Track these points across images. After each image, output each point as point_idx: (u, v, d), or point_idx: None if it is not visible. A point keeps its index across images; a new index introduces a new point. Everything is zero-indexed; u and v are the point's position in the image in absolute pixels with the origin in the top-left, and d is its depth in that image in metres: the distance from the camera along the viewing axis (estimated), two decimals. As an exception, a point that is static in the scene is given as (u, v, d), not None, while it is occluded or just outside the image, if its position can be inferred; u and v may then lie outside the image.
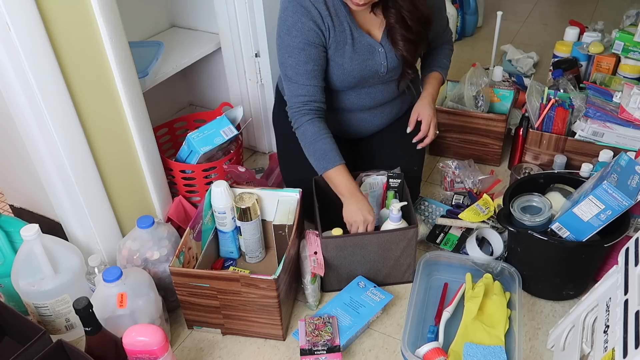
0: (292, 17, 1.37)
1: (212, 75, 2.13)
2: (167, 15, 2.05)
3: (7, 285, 1.39)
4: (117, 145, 1.42)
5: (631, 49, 1.94)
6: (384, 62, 1.47)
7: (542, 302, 1.47)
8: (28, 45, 1.13)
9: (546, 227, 1.37)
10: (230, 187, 1.52)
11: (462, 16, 2.85)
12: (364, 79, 1.49)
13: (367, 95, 1.54)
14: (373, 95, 1.55)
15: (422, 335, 1.37)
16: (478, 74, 1.93)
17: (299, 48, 1.39)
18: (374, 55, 1.46)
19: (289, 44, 1.39)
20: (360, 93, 1.54)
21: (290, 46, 1.39)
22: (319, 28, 1.38)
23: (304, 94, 1.43)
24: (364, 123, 1.62)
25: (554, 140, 1.78)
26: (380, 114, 1.61)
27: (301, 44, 1.38)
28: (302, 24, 1.36)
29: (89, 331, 1.13)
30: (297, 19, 1.36)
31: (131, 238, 1.39)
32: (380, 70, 1.48)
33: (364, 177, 1.56)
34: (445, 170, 1.87)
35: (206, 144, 1.59)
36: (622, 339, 0.95)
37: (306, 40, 1.38)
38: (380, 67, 1.47)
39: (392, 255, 1.46)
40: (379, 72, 1.48)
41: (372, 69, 1.47)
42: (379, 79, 1.51)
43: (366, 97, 1.55)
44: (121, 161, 1.45)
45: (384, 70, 1.48)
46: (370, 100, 1.55)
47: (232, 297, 1.33)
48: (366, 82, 1.51)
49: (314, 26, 1.37)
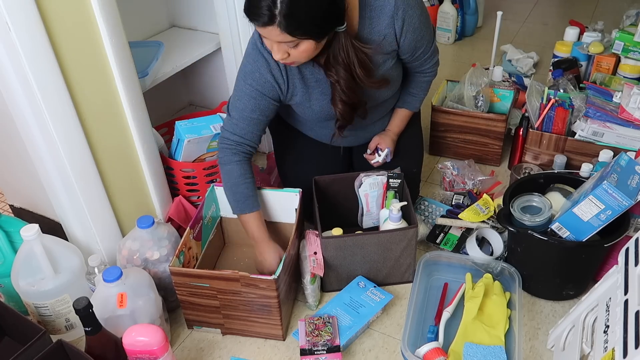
0: (251, 65, 1.36)
1: (212, 75, 2.13)
2: (167, 15, 2.05)
3: (7, 285, 1.39)
4: (117, 145, 1.42)
5: (631, 49, 1.94)
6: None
7: (542, 302, 1.47)
8: (28, 45, 1.13)
9: (546, 227, 1.37)
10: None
11: (462, 16, 2.85)
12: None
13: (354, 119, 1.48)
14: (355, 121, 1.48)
15: (422, 335, 1.37)
16: (478, 74, 1.93)
17: (250, 96, 1.38)
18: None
19: (242, 89, 1.38)
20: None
21: (242, 91, 1.38)
22: (275, 81, 1.36)
23: (241, 135, 1.42)
24: (357, 138, 1.62)
25: (554, 140, 1.78)
26: (373, 127, 1.61)
27: (253, 92, 1.37)
28: (259, 75, 1.35)
29: (89, 331, 1.13)
30: (256, 69, 1.35)
31: (131, 238, 1.39)
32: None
33: (364, 178, 1.56)
34: (444, 171, 1.87)
35: (192, 132, 1.56)
36: (622, 339, 0.95)
37: (259, 91, 1.37)
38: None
39: (392, 255, 1.46)
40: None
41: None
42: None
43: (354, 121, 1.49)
44: (121, 161, 1.45)
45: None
46: (358, 121, 1.49)
47: (232, 297, 1.33)
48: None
49: (270, 78, 1.36)
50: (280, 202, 1.53)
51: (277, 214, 1.57)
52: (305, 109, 1.45)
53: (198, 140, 1.58)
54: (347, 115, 1.40)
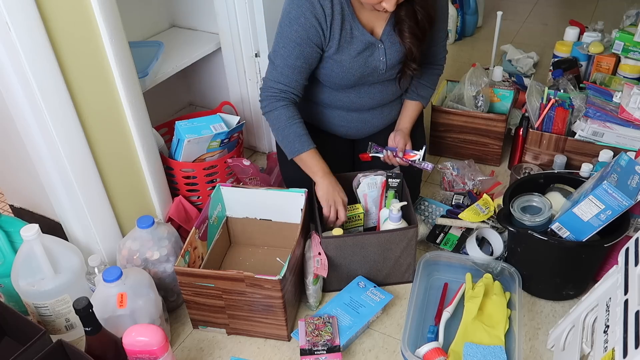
0: (296, 10, 1.37)
1: (212, 75, 2.13)
2: (167, 15, 2.05)
3: (7, 285, 1.39)
4: (117, 145, 1.42)
5: (631, 49, 1.94)
6: (382, 59, 1.47)
7: (542, 302, 1.47)
8: (28, 45, 1.13)
9: (546, 227, 1.37)
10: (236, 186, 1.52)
11: (462, 16, 2.85)
12: (363, 76, 1.49)
13: (367, 94, 1.55)
14: (372, 95, 1.55)
15: (422, 335, 1.37)
16: (478, 74, 1.93)
17: (296, 42, 1.39)
18: (373, 52, 1.46)
19: (288, 36, 1.39)
20: (360, 92, 1.54)
21: (287, 38, 1.39)
22: (320, 27, 1.38)
23: (285, 83, 1.44)
24: (363, 124, 1.62)
25: (554, 140, 1.78)
26: (380, 114, 1.62)
27: (299, 39, 1.38)
28: (305, 19, 1.36)
29: (89, 331, 1.13)
30: (301, 14, 1.36)
31: (131, 238, 1.39)
32: (379, 67, 1.48)
33: (362, 178, 1.56)
34: (444, 171, 1.87)
35: (192, 132, 1.57)
36: (622, 339, 0.95)
37: (304, 37, 1.38)
38: (379, 63, 1.47)
39: (392, 255, 1.46)
40: (379, 69, 1.49)
41: (371, 65, 1.47)
42: (379, 77, 1.51)
43: (365, 96, 1.55)
44: (121, 161, 1.45)
45: (383, 67, 1.48)
46: (369, 99, 1.56)
47: (237, 297, 1.32)
48: (366, 81, 1.51)
49: (316, 23, 1.37)
50: (286, 202, 1.52)
51: (282, 215, 1.56)
52: (335, 64, 1.46)
53: (198, 140, 1.58)
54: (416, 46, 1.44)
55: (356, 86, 1.52)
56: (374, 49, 1.46)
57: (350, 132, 1.64)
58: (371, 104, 1.58)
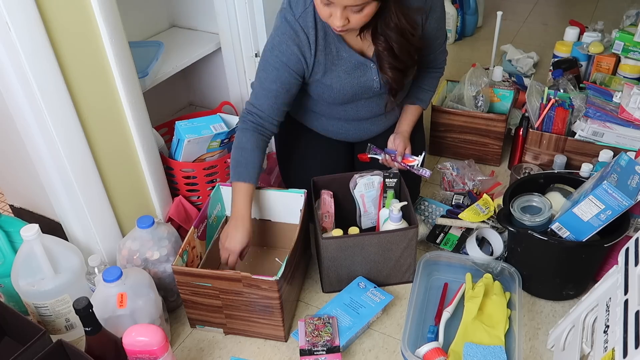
0: (280, 37, 1.37)
1: (212, 75, 2.13)
2: (167, 15, 2.05)
3: (7, 285, 1.39)
4: (117, 145, 1.42)
5: (631, 49, 1.94)
6: (376, 78, 1.46)
7: (542, 302, 1.47)
8: (28, 45, 1.13)
9: (546, 227, 1.37)
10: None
11: (462, 16, 2.85)
12: (357, 95, 1.48)
13: (364, 107, 1.54)
14: (370, 108, 1.54)
15: (422, 335, 1.37)
16: (478, 74, 1.93)
17: (274, 67, 1.39)
18: (365, 72, 1.45)
19: (267, 60, 1.40)
20: (357, 106, 1.53)
21: (267, 62, 1.40)
22: (303, 55, 1.38)
23: (257, 105, 1.44)
24: (362, 131, 1.62)
25: (554, 140, 1.78)
26: (379, 122, 1.62)
27: (277, 63, 1.39)
28: (286, 47, 1.37)
29: (89, 331, 1.13)
30: (283, 41, 1.37)
31: (131, 238, 1.39)
32: (373, 85, 1.47)
33: (358, 178, 1.56)
34: (444, 171, 1.87)
35: (192, 132, 1.56)
36: (622, 339, 0.95)
37: (284, 62, 1.38)
38: (373, 82, 1.46)
39: (392, 256, 1.46)
40: (373, 88, 1.48)
41: (364, 85, 1.46)
42: (374, 93, 1.50)
43: (363, 109, 1.54)
44: (121, 161, 1.45)
45: (377, 85, 1.47)
46: (367, 111, 1.55)
47: (234, 297, 1.32)
48: (361, 97, 1.50)
49: (297, 52, 1.37)
50: (285, 203, 1.53)
51: (281, 215, 1.56)
52: (325, 87, 1.46)
53: (198, 140, 1.58)
54: (399, 80, 1.44)
55: (352, 102, 1.52)
56: (366, 68, 1.44)
57: (350, 138, 1.64)
58: (369, 115, 1.57)
